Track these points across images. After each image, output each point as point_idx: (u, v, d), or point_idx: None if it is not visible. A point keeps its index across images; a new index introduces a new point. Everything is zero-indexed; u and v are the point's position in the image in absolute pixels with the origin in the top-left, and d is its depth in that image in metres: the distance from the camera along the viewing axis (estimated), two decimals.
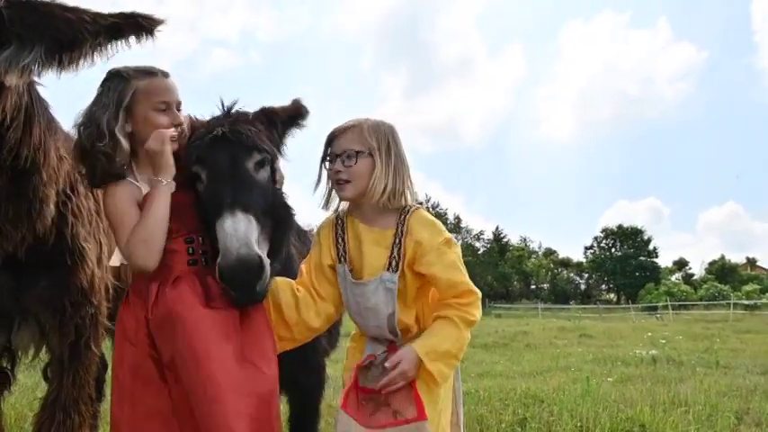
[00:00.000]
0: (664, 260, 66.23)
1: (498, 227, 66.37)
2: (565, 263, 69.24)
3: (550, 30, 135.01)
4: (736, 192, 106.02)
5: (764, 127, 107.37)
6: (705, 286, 48.88)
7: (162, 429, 1.77)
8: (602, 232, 66.93)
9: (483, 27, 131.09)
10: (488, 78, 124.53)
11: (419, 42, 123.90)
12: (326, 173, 1.96)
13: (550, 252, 70.11)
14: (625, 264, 62.34)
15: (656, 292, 48.43)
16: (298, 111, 2.10)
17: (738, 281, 53.66)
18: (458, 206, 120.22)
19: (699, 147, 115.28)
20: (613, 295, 65.56)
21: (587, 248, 67.61)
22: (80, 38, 1.69)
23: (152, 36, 1.77)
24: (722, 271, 58.24)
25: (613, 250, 65.62)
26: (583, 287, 68.08)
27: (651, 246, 64.25)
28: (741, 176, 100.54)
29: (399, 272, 1.86)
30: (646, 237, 64.72)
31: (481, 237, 62.20)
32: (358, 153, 1.87)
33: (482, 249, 61.61)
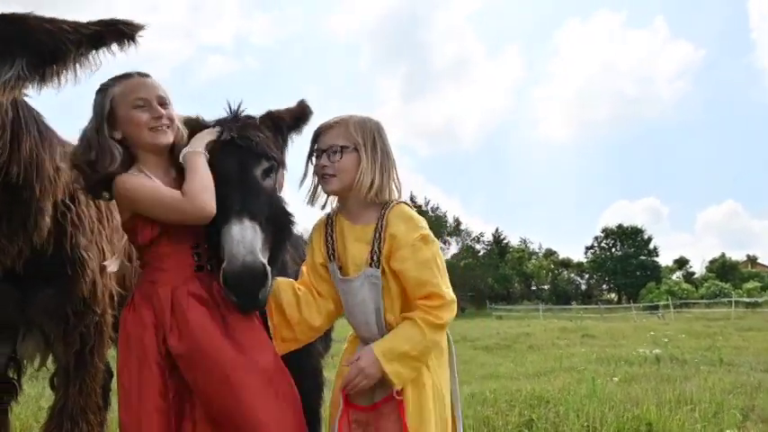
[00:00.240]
0: (664, 259, 66.17)
1: (498, 228, 66.54)
2: (565, 263, 69.09)
3: (547, 30, 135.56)
4: (734, 190, 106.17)
5: (762, 124, 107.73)
6: (706, 284, 48.63)
7: None
8: (602, 232, 66.84)
9: (480, 28, 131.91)
10: (486, 79, 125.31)
11: (416, 44, 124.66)
12: (312, 168, 1.97)
13: (551, 253, 69.94)
14: (626, 263, 62.19)
15: (658, 292, 48.22)
16: (303, 112, 2.10)
17: (739, 278, 53.29)
18: (456, 208, 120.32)
19: (697, 145, 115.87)
20: (614, 295, 65.36)
21: (588, 249, 67.62)
22: (62, 49, 1.63)
23: (134, 42, 1.71)
24: (723, 269, 57.92)
25: (614, 250, 65.46)
26: (584, 287, 67.91)
27: (651, 245, 64.17)
28: (739, 177, 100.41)
29: (381, 267, 1.84)
30: (646, 236, 64.67)
31: (481, 239, 62.23)
32: (343, 148, 1.87)
33: (482, 251, 61.56)
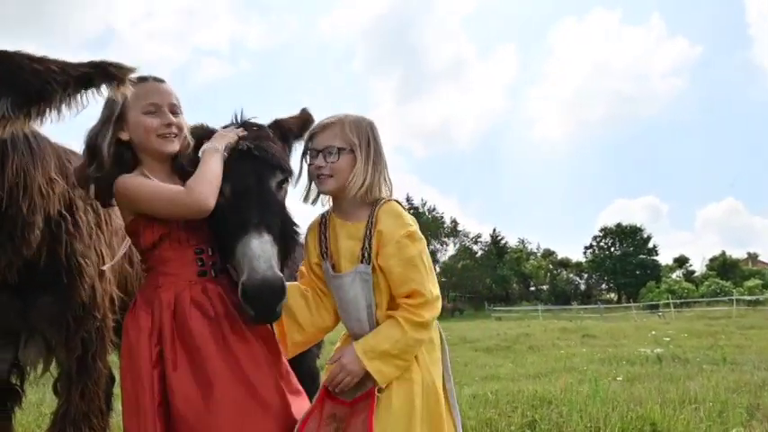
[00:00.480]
0: (664, 258, 66.08)
1: (496, 229, 66.61)
2: (564, 263, 69.14)
3: (542, 29, 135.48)
4: (734, 188, 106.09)
5: (760, 121, 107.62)
6: (706, 283, 48.47)
7: None
8: (600, 231, 66.85)
9: (474, 28, 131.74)
10: (480, 80, 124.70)
11: (410, 46, 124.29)
12: (307, 167, 1.97)
13: (549, 253, 69.99)
14: (625, 263, 62.21)
15: (658, 291, 48.17)
16: (306, 121, 2.11)
17: (740, 276, 53.10)
18: (453, 209, 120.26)
19: (695, 143, 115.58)
20: (614, 294, 65.39)
21: (587, 248, 67.62)
22: (49, 89, 1.60)
23: (123, 84, 1.68)
24: (723, 267, 57.73)
25: (613, 249, 65.49)
26: (583, 287, 67.93)
27: (651, 244, 64.16)
28: (736, 180, 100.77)
29: (371, 264, 1.85)
30: (645, 235, 64.66)
31: (479, 240, 62.31)
32: (340, 150, 1.88)
33: (480, 252, 61.62)
